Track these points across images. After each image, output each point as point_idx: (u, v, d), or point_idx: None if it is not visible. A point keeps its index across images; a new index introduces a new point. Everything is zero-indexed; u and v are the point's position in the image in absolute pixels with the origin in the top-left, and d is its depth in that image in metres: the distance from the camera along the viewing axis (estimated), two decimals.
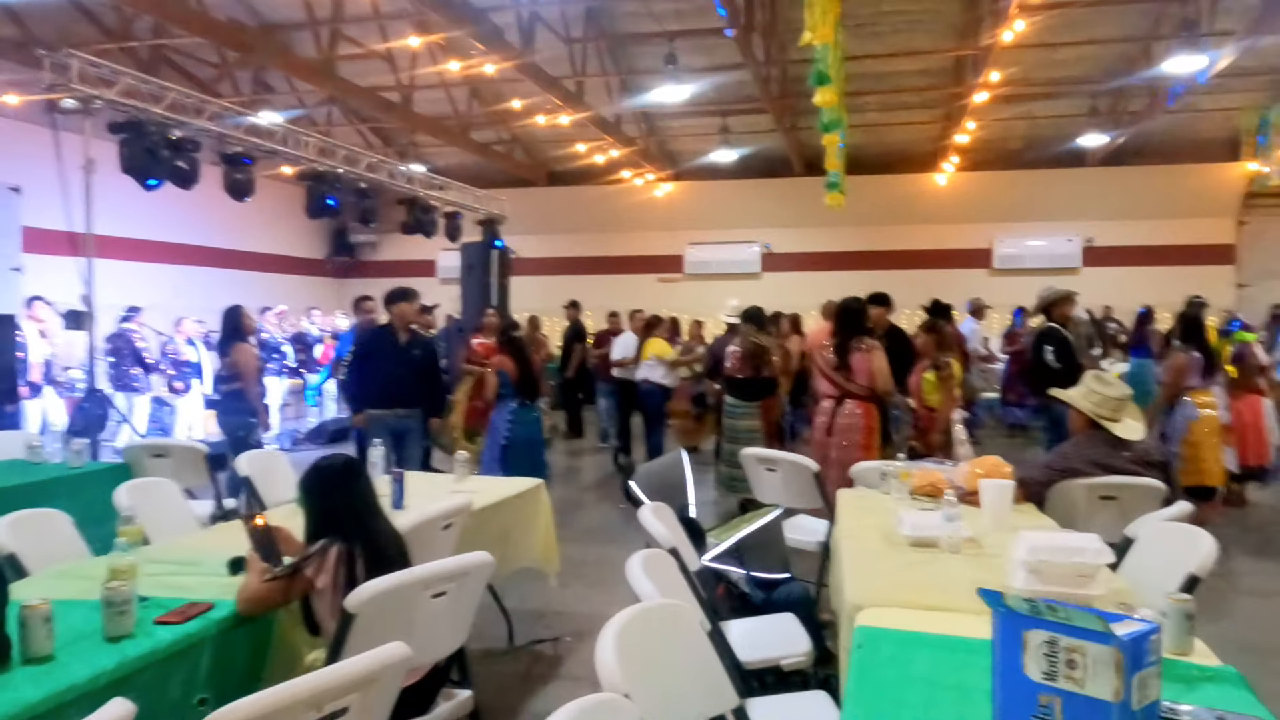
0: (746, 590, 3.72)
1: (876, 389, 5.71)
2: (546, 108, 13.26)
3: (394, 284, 21.73)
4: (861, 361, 5.68)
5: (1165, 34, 12.53)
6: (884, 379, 5.73)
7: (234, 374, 6.69)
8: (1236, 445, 7.16)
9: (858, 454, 5.61)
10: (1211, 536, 2.72)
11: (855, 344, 5.73)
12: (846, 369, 5.70)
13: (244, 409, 6.69)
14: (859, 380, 5.69)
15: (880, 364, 5.71)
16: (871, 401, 5.72)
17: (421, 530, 3.18)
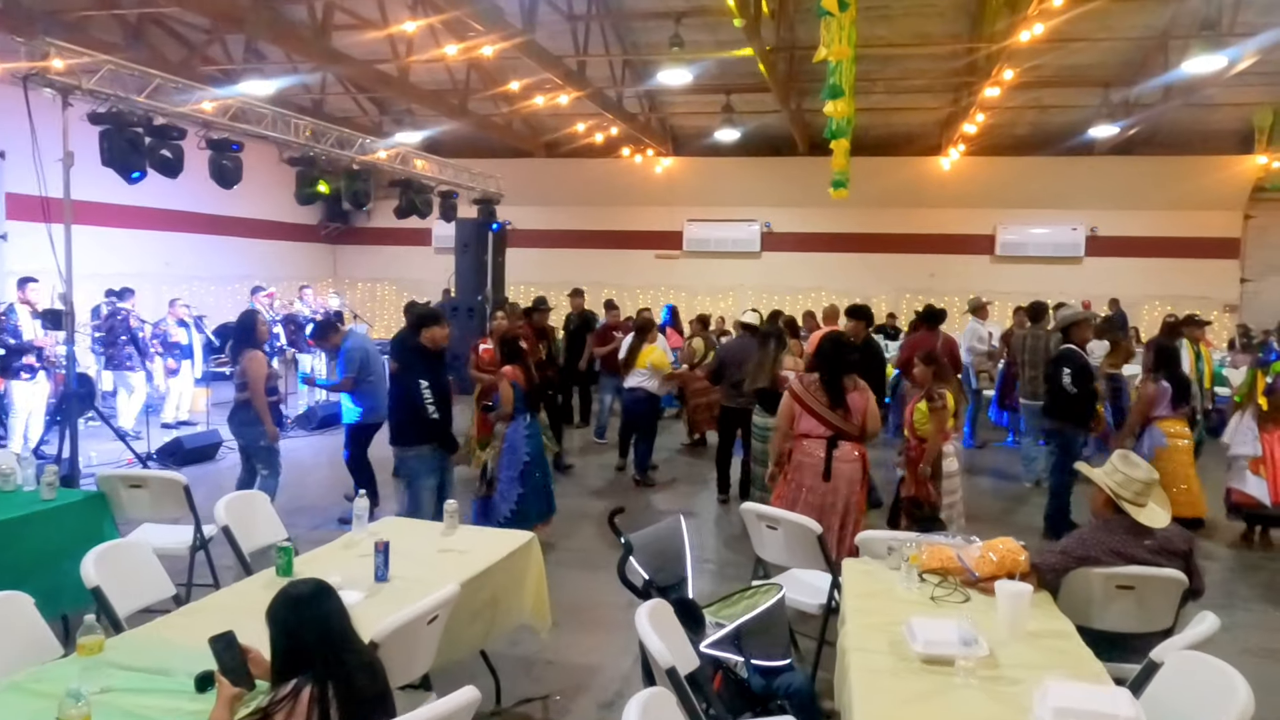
0: (745, 677, 3.56)
1: (867, 431, 5.53)
2: (546, 86, 12.88)
3: (387, 253, 21.56)
4: (858, 401, 5.47)
5: (1183, 31, 12.17)
6: (875, 421, 5.57)
7: (243, 382, 6.49)
8: (1269, 480, 7.00)
9: (857, 497, 5.48)
10: (1248, 687, 2.55)
11: (849, 382, 5.50)
12: (844, 409, 5.47)
13: (258, 419, 6.51)
14: (855, 420, 5.48)
15: (873, 405, 5.55)
16: (860, 440, 5.53)
17: (404, 630, 2.99)
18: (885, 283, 18.62)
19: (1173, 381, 6.95)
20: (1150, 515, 3.65)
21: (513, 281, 18.35)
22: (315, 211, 19.29)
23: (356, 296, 20.39)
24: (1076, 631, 3.29)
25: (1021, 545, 3.73)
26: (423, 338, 5.99)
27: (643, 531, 3.94)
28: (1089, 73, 14.56)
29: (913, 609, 3.40)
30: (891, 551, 3.91)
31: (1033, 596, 3.47)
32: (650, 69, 14.24)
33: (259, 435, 6.46)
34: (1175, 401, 6.93)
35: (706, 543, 7.05)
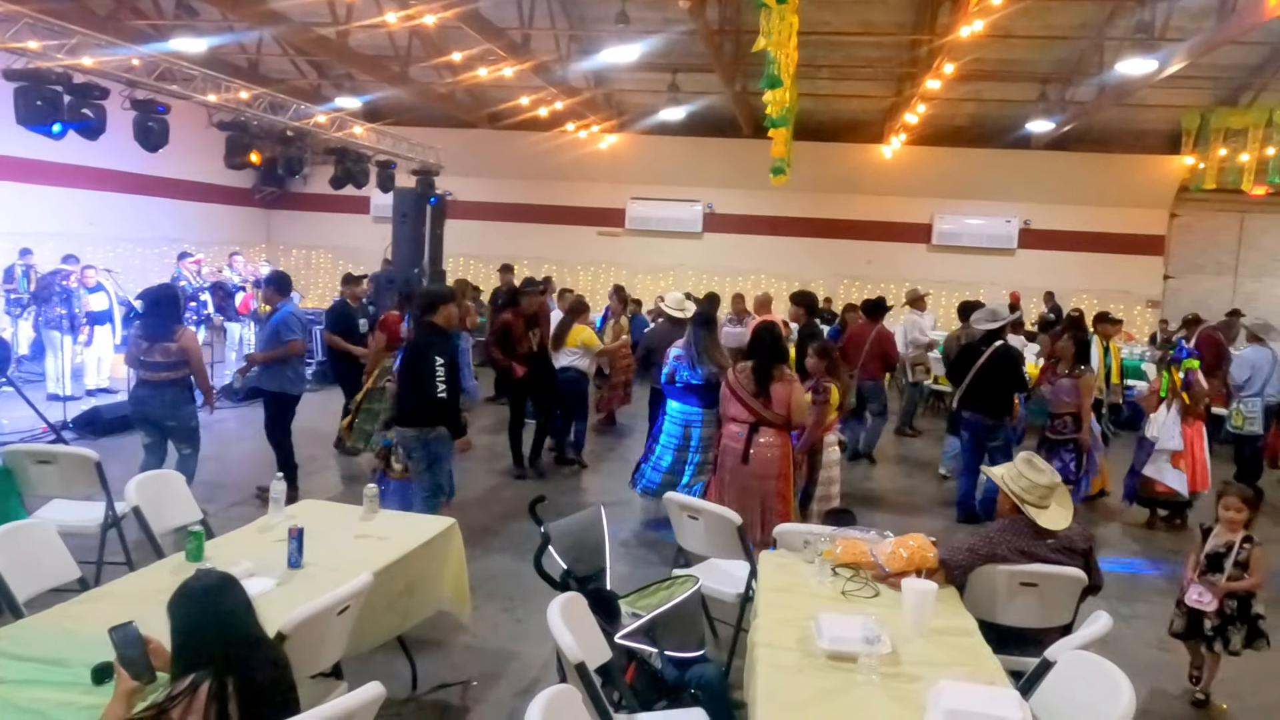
0: (659, 668, 3.60)
1: (793, 421, 5.62)
2: (489, 58, 12.67)
3: (324, 220, 21.01)
4: (782, 391, 5.57)
5: (1119, 32, 12.45)
6: (801, 411, 5.64)
7: (179, 360, 6.15)
8: (1188, 472, 7.43)
9: (777, 484, 5.58)
10: (1130, 688, 2.66)
11: (776, 372, 5.60)
12: (766, 397, 5.57)
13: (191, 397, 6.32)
14: (776, 410, 5.58)
15: (799, 397, 5.62)
16: (787, 431, 5.63)
17: (313, 620, 2.96)
18: (824, 268, 18.81)
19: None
20: (1051, 518, 3.77)
21: (452, 254, 18.13)
22: (250, 175, 18.72)
23: (291, 264, 19.93)
24: (979, 628, 3.39)
25: (932, 542, 3.84)
26: (437, 317, 5.75)
27: (562, 521, 3.95)
28: (1028, 68, 14.81)
29: (823, 604, 3.48)
30: (807, 545, 3.98)
31: (939, 593, 3.58)
32: (596, 44, 14.10)
33: (190, 415, 6.25)
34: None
35: (627, 528, 7.08)
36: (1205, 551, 4.54)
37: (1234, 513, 4.47)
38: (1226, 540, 4.50)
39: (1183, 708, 4.68)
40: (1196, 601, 4.51)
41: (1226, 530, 4.52)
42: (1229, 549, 4.47)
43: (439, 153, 15.23)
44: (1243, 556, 4.43)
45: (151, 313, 6.29)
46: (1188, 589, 4.56)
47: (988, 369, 7.52)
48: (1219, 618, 4.46)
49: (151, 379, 6.14)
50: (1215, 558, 4.50)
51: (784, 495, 5.59)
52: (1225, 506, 4.52)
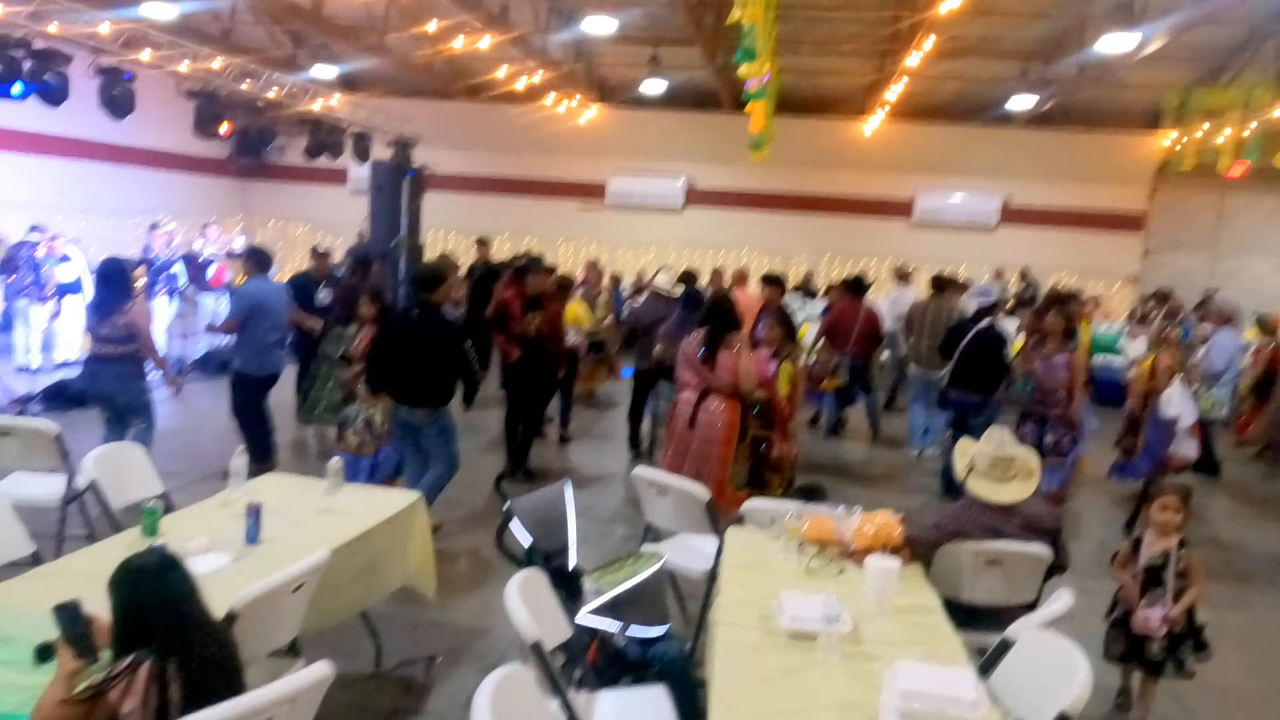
0: (622, 645, 3.58)
1: (740, 389, 5.66)
2: (467, 29, 12.47)
3: (302, 191, 20.78)
4: (727, 359, 5.66)
5: (1100, 9, 12.39)
6: (748, 379, 5.67)
7: (128, 335, 6.00)
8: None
9: (718, 449, 5.68)
10: (1087, 665, 2.66)
11: (725, 340, 5.69)
12: (711, 364, 5.67)
13: (142, 373, 6.17)
14: (722, 377, 5.65)
15: (745, 364, 5.65)
16: (734, 398, 5.69)
17: (265, 598, 2.91)
18: (805, 243, 18.75)
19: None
20: (1010, 491, 3.76)
21: (431, 226, 17.96)
22: (226, 145, 18.41)
23: (268, 235, 19.69)
24: (942, 606, 3.39)
25: (899, 518, 3.82)
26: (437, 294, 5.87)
27: (527, 497, 3.92)
28: (1009, 45, 14.74)
29: (787, 581, 3.46)
30: (774, 521, 3.96)
31: (903, 570, 3.57)
32: (577, 15, 13.91)
33: (141, 389, 6.13)
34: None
35: (612, 504, 7.07)
36: (1142, 565, 4.06)
37: (1171, 513, 4.02)
38: (1162, 549, 4.05)
39: None
40: (1146, 626, 4.01)
41: (1159, 536, 4.07)
42: (1166, 559, 4.02)
43: (417, 124, 15.03)
44: (1182, 565, 4.00)
45: (101, 286, 6.15)
46: (1135, 612, 4.04)
47: (973, 348, 7.54)
48: (1168, 638, 4.02)
49: (101, 353, 6.03)
50: (1154, 571, 4.04)
51: (724, 459, 5.68)
52: (1162, 507, 4.04)
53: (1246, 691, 4.74)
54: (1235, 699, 4.64)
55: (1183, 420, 7.42)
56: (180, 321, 11.16)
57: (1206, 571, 4.13)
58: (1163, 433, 7.54)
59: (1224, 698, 4.62)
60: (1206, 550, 6.77)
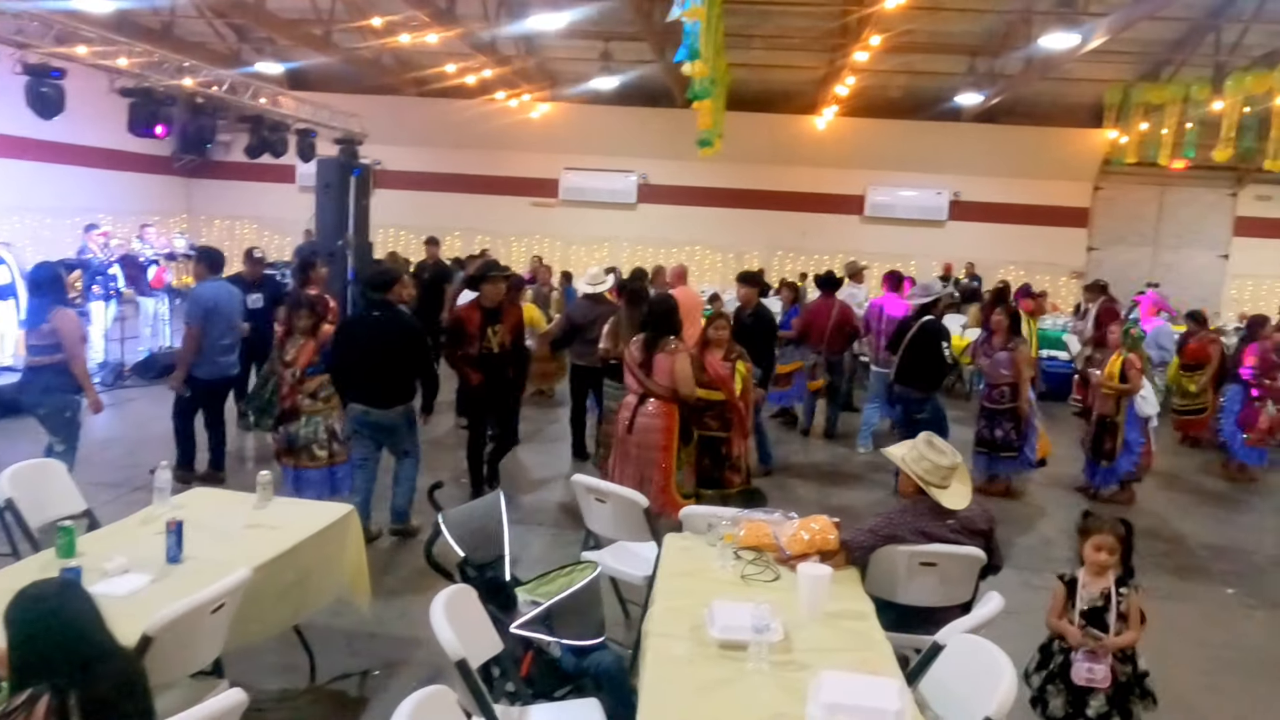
0: (558, 656, 3.54)
1: (679, 393, 5.62)
2: (413, 24, 12.31)
3: (248, 190, 20.40)
4: (664, 363, 5.61)
5: (1044, 6, 12.56)
6: (685, 383, 5.62)
7: (54, 343, 5.72)
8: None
9: (655, 454, 5.66)
10: (1013, 670, 2.67)
11: (663, 344, 5.64)
12: (649, 368, 5.64)
13: (69, 385, 5.85)
14: (660, 380, 5.62)
15: (682, 368, 5.60)
16: (673, 402, 5.65)
17: (182, 620, 2.83)
18: (758, 239, 18.83)
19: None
20: (953, 496, 3.78)
21: (382, 224, 17.72)
22: (168, 142, 17.96)
23: (214, 235, 19.34)
24: (874, 611, 3.39)
25: (834, 523, 3.82)
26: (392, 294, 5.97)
27: (459, 509, 3.86)
28: (957, 41, 14.90)
29: (722, 589, 3.44)
30: (711, 528, 3.94)
31: (839, 574, 3.57)
32: (526, 9, 13.80)
33: (65, 404, 5.83)
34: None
35: (554, 508, 7.02)
36: (1080, 609, 3.59)
37: (1106, 554, 3.56)
38: (1102, 589, 3.57)
39: None
40: (1089, 678, 3.53)
41: (1096, 576, 3.60)
42: (1107, 600, 3.56)
43: (365, 121, 14.80)
44: (1124, 606, 3.55)
45: (32, 293, 5.99)
46: (1074, 662, 3.55)
47: (915, 344, 7.60)
48: (1114, 690, 3.55)
49: (31, 363, 5.83)
50: (1094, 614, 3.56)
51: (663, 466, 5.64)
52: (1096, 547, 3.57)
53: (1185, 682, 4.82)
54: (1174, 690, 4.71)
55: (1154, 419, 7.56)
56: (119, 325, 10.87)
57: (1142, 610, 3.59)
58: (1141, 432, 7.65)
59: (1164, 689, 4.69)
60: (1147, 542, 6.91)
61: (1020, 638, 5.11)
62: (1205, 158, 13.55)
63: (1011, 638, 5.07)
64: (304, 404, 6.02)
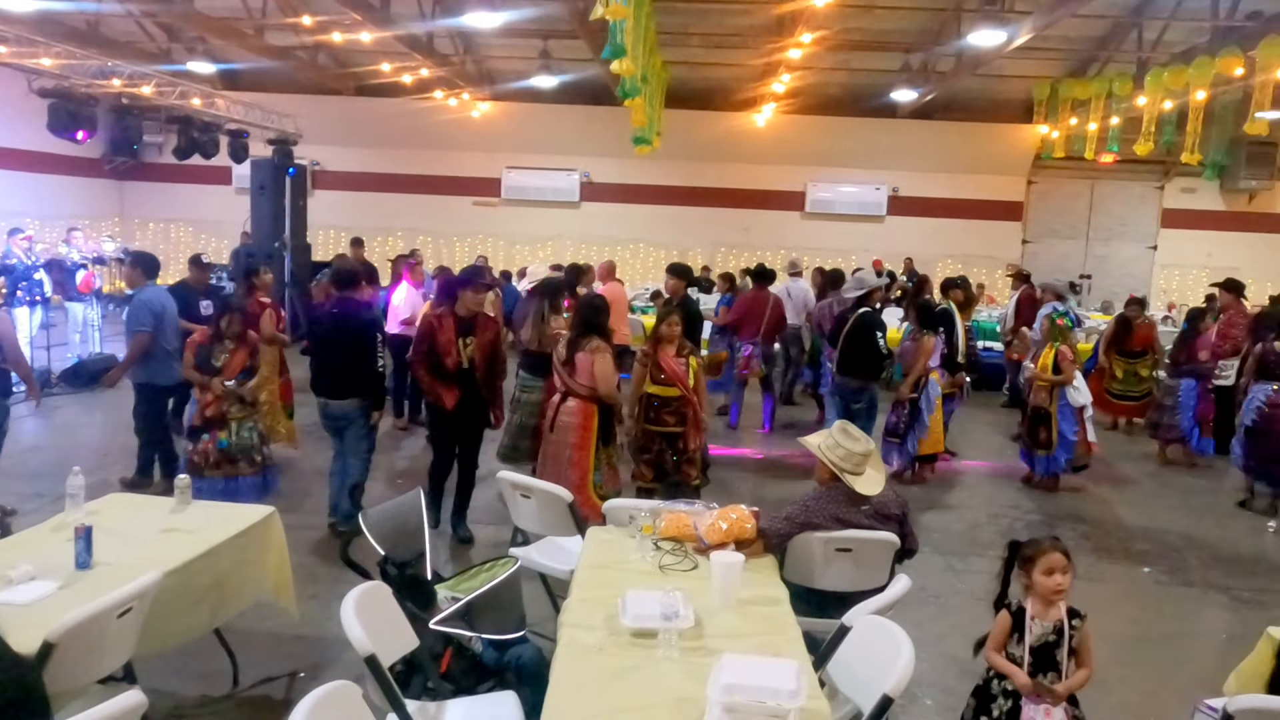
0: (479, 651, 3.56)
1: (599, 393, 5.67)
2: (346, 23, 12.19)
3: (183, 191, 20.04)
4: (584, 362, 5.66)
5: (972, 4, 12.82)
6: (606, 383, 5.67)
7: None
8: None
9: (571, 453, 5.71)
10: (911, 649, 2.75)
11: (585, 343, 5.69)
12: (572, 367, 5.70)
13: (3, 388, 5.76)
14: (581, 380, 5.68)
15: (603, 368, 5.64)
16: (593, 401, 5.71)
17: (86, 625, 2.80)
18: (701, 236, 18.96)
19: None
20: (867, 482, 3.87)
21: (322, 226, 17.55)
22: (99, 144, 17.57)
23: (149, 238, 18.95)
24: (788, 597, 3.46)
25: (752, 512, 3.88)
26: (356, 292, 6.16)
27: (378, 507, 3.85)
28: (891, 38, 15.14)
29: (640, 579, 3.48)
30: (632, 520, 3.98)
31: (754, 562, 3.64)
32: (462, 7, 13.73)
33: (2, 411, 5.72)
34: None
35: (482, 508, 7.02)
36: (1030, 644, 3.11)
37: (1059, 575, 3.07)
38: (1054, 621, 3.11)
39: None
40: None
41: (1047, 606, 3.12)
42: (1059, 633, 3.10)
43: (302, 121, 14.61)
44: (1076, 640, 3.12)
45: None
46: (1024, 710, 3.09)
47: (851, 336, 7.74)
48: None
49: None
50: (1044, 650, 3.11)
51: (580, 466, 5.67)
52: (1048, 570, 3.07)
53: (1098, 658, 4.97)
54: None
55: (1089, 408, 7.77)
56: (45, 333, 10.61)
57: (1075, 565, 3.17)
58: (1076, 422, 7.85)
59: None
60: (1069, 526, 7.12)
61: (943, 619, 5.29)
62: (1131, 152, 13.94)
63: (934, 620, 5.27)
64: (232, 410, 5.95)
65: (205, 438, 5.85)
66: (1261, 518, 7.54)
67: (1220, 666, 3.62)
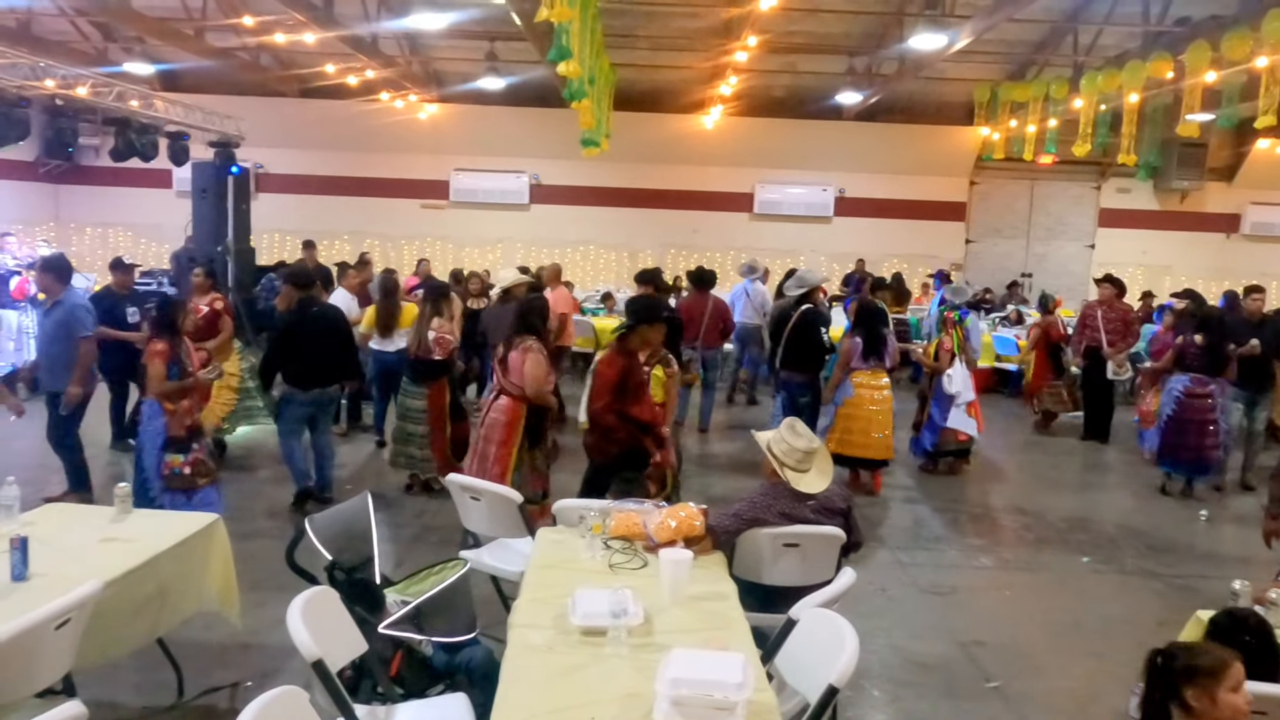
0: (429, 654, 3.55)
1: (528, 392, 5.68)
2: (288, 24, 12.01)
3: (121, 195, 19.57)
4: (516, 361, 5.68)
5: (914, 8, 13.05)
6: (534, 383, 5.66)
7: None
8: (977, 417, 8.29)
9: (495, 450, 5.74)
10: (855, 640, 2.81)
11: (519, 341, 5.71)
12: (505, 365, 5.74)
13: None
14: (512, 379, 5.71)
15: (532, 369, 5.63)
16: (521, 400, 5.72)
17: (20, 638, 2.74)
18: (651, 238, 19.00)
19: (865, 336, 7.61)
20: (809, 481, 3.93)
21: (267, 230, 17.26)
22: (31, 146, 17.04)
23: (85, 243, 18.49)
24: (736, 592, 3.50)
25: (700, 509, 3.92)
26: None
27: (324, 512, 3.83)
28: (836, 42, 15.34)
29: (588, 578, 3.49)
30: (582, 520, 3.99)
31: (703, 559, 3.69)
32: (407, 8, 13.62)
33: None
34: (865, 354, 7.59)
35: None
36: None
37: (1245, 690, 2.42)
38: None
39: (953, 647, 5.01)
40: None
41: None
42: None
43: (244, 123, 14.33)
44: None
45: None
46: None
47: (795, 331, 7.85)
48: None
49: None
50: None
51: (499, 460, 5.71)
52: (1235, 686, 2.37)
53: (1037, 644, 5.11)
54: (1026, 652, 4.99)
55: (962, 396, 7.95)
56: None
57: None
58: (943, 407, 8.09)
59: (1018, 653, 4.97)
60: (1011, 516, 7.28)
61: (889, 613, 5.39)
62: (1069, 153, 14.28)
63: (881, 613, 5.37)
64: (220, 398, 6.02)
65: (195, 447, 5.60)
66: (1188, 506, 7.81)
67: None
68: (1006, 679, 4.65)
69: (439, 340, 7.09)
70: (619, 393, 5.07)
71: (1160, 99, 13.19)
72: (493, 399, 5.80)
